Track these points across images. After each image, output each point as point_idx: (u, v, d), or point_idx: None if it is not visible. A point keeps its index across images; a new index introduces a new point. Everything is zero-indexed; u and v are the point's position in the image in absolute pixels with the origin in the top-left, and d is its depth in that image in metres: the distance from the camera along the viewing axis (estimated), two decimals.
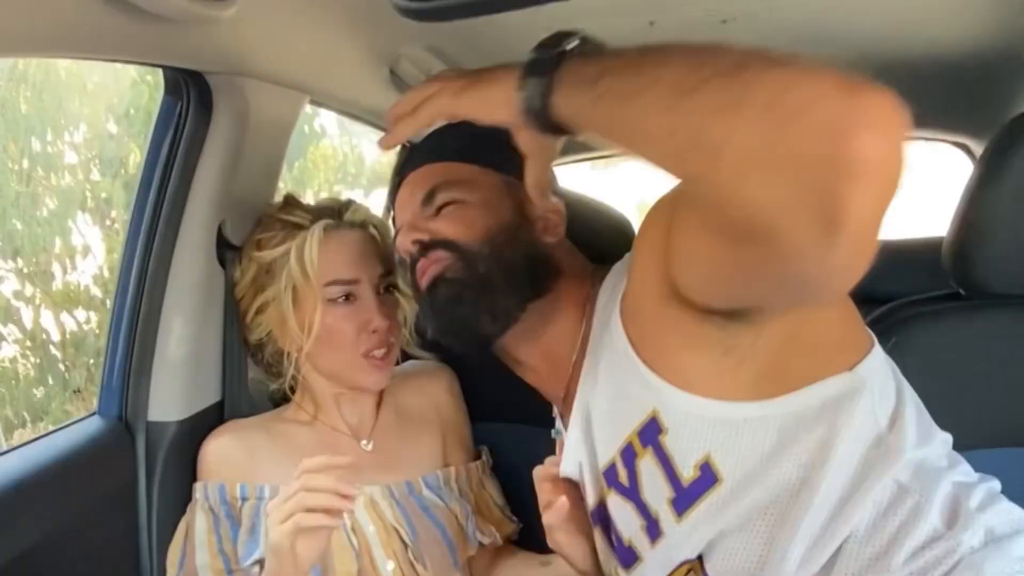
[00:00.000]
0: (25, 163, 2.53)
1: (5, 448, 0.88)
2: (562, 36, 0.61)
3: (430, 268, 0.81)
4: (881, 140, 0.43)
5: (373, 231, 1.04)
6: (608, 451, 0.75)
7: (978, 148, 1.73)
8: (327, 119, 3.46)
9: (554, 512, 0.81)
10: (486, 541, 1.02)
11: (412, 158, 0.89)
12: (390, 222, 1.08)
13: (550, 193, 0.72)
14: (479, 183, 0.84)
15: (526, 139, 0.67)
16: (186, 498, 0.98)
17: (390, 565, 0.93)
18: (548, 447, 1.05)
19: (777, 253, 0.49)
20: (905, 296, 1.03)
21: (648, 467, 0.71)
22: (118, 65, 1.27)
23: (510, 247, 0.80)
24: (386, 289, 1.02)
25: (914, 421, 0.68)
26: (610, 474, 0.75)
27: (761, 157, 0.46)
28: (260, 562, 0.90)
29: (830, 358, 0.68)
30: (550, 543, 0.85)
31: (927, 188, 1.75)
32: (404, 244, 0.83)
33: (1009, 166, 0.88)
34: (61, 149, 2.69)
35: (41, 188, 2.59)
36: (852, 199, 0.44)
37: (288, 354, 1.00)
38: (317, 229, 0.97)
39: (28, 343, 2.62)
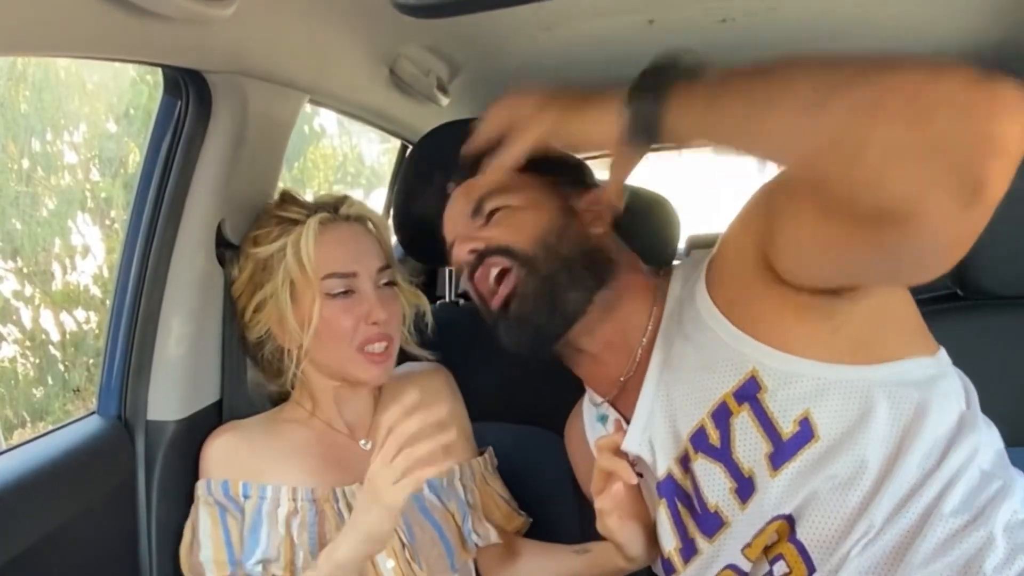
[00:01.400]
0: (25, 163, 2.53)
1: (4, 448, 0.88)
2: (666, 58, 0.64)
3: (500, 288, 0.84)
4: (1018, 119, 0.49)
5: (370, 225, 1.03)
6: (694, 416, 0.77)
7: None
8: (327, 119, 3.46)
9: (608, 497, 0.82)
10: (480, 543, 1.02)
11: (453, 173, 0.93)
12: (389, 220, 1.09)
13: (624, 196, 0.75)
14: (523, 186, 0.87)
15: (617, 148, 0.69)
16: (186, 497, 0.98)
17: (390, 563, 0.93)
18: (546, 447, 1.05)
19: (916, 230, 0.54)
20: None
21: (744, 424, 0.73)
22: (118, 65, 1.27)
23: (565, 244, 0.84)
24: (385, 284, 1.02)
25: (978, 406, 0.76)
26: (698, 438, 0.77)
27: (905, 147, 0.51)
28: (263, 562, 0.90)
29: (917, 340, 0.74)
30: (600, 528, 0.85)
31: None
32: (460, 254, 0.87)
33: None
34: (61, 149, 2.68)
35: (41, 188, 2.59)
36: (994, 171, 0.50)
37: (288, 352, 0.99)
38: (313, 223, 0.96)
39: (28, 343, 2.62)
